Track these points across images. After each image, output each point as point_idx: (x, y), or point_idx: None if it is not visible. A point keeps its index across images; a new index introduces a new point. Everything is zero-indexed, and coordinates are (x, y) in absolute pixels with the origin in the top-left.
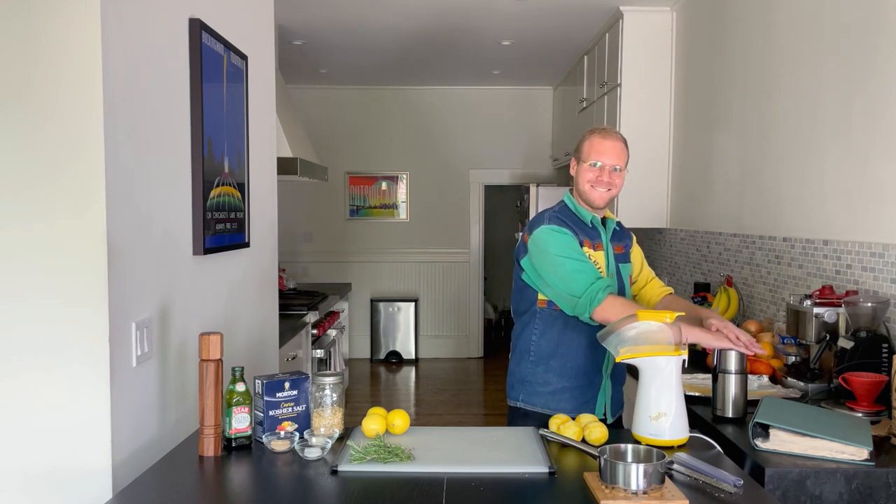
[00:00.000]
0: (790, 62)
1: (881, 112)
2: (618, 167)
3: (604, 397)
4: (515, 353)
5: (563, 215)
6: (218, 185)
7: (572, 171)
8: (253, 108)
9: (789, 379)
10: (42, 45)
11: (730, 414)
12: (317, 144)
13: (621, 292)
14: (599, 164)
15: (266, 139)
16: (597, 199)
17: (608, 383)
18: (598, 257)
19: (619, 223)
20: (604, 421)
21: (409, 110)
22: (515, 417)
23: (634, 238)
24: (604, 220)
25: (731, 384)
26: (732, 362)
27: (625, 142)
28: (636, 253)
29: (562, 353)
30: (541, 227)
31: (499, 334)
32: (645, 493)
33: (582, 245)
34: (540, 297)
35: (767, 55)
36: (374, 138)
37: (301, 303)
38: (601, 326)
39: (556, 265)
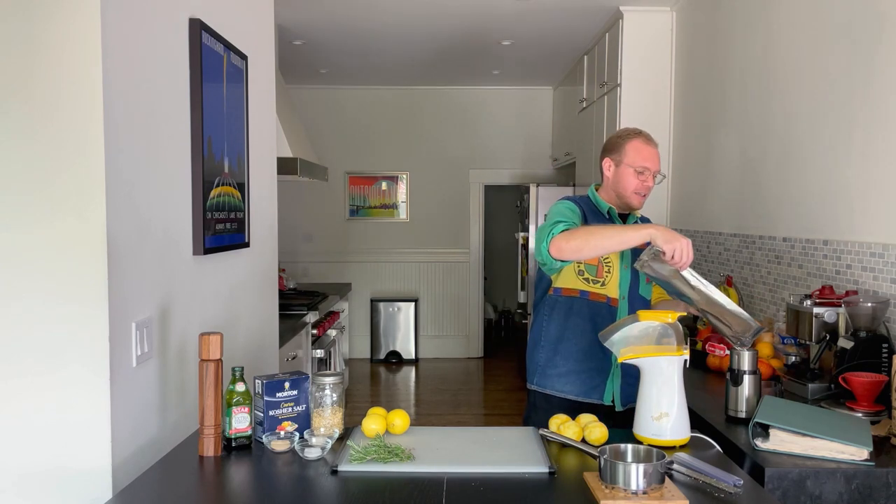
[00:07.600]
0: (790, 62)
1: (881, 112)
2: (656, 173)
3: (613, 385)
4: (530, 340)
5: (582, 200)
6: (218, 185)
7: (607, 172)
8: (253, 108)
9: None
10: (42, 45)
11: (744, 415)
12: (317, 144)
13: (643, 289)
14: (645, 170)
15: (266, 139)
16: (638, 204)
17: (618, 371)
18: (612, 254)
19: (641, 217)
20: (612, 408)
21: (409, 110)
22: (532, 399)
23: None
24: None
25: (746, 384)
26: (746, 363)
27: None
28: None
29: (567, 336)
30: (557, 200)
31: (499, 334)
32: (645, 493)
33: None
34: (552, 284)
35: (767, 55)
36: (374, 138)
37: (301, 303)
38: (605, 309)
39: (545, 221)
